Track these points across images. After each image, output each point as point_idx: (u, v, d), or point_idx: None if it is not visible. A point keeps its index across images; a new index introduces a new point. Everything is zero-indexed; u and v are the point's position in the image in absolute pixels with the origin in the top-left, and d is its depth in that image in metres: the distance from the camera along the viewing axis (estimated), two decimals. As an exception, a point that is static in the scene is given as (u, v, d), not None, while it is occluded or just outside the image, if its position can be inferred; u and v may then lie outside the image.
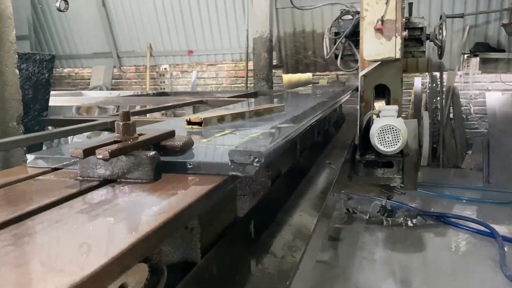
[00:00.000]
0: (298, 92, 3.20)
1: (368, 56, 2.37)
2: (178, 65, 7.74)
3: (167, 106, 2.67)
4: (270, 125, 1.40)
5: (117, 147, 0.78)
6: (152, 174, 0.80)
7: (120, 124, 0.85)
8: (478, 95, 6.44)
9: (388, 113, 2.34)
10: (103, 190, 0.75)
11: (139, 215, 0.63)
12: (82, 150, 0.77)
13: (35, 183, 0.82)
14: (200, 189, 0.75)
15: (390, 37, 2.31)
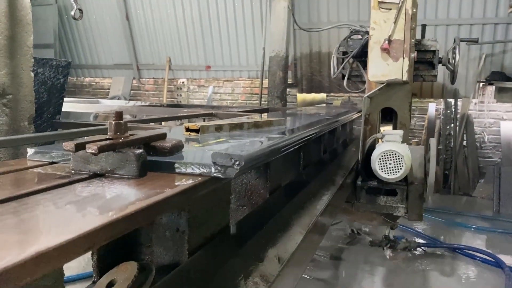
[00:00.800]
0: (306, 110, 3.24)
1: (373, 76, 2.32)
2: (195, 80, 7.88)
3: (177, 116, 2.75)
4: (265, 136, 1.45)
5: (106, 143, 0.84)
6: (137, 170, 0.85)
7: (112, 123, 0.91)
8: (493, 124, 6.38)
9: (392, 137, 2.27)
10: (89, 182, 0.81)
11: (115, 204, 0.68)
12: (74, 144, 0.83)
13: (30, 173, 0.88)
14: (179, 186, 0.80)
15: (398, 58, 2.25)
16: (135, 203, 0.66)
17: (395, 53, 2.23)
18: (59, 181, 0.81)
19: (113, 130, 0.91)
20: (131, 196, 0.73)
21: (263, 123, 1.69)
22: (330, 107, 4.23)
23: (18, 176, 0.85)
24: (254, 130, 1.62)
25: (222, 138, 1.34)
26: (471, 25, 6.06)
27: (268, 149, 1.04)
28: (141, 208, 0.64)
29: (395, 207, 2.58)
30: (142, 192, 0.74)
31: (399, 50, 2.24)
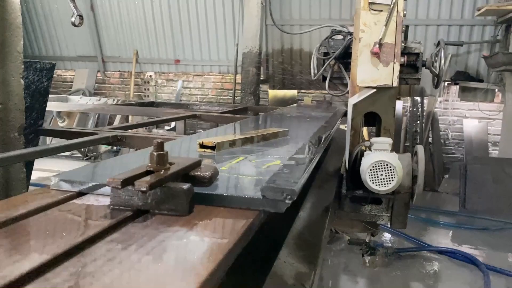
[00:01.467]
0: (289, 114, 3.21)
1: (362, 82, 2.24)
2: (164, 74, 7.71)
3: (161, 120, 2.66)
4: (280, 152, 1.43)
5: (155, 179, 0.79)
6: (187, 207, 0.81)
7: (154, 154, 0.86)
8: (456, 122, 6.65)
9: (381, 146, 2.19)
10: (141, 222, 0.76)
11: (193, 255, 0.64)
12: (120, 181, 0.78)
13: (67, 209, 0.82)
14: (239, 225, 0.77)
15: (388, 62, 2.15)
16: (215, 249, 0.63)
17: (386, 57, 2.15)
18: (106, 222, 0.75)
19: (155, 162, 0.86)
20: (203, 240, 0.69)
21: (270, 135, 1.66)
22: (307, 107, 4.22)
23: (59, 215, 0.79)
24: (262, 143, 1.59)
25: (240, 156, 1.31)
26: (438, 25, 6.25)
27: (306, 175, 1.02)
28: (226, 255, 0.61)
29: (379, 216, 2.53)
30: (209, 235, 0.70)
31: (389, 54, 2.15)
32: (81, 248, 0.64)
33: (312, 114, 3.10)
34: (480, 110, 6.30)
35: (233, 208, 0.86)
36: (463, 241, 4.17)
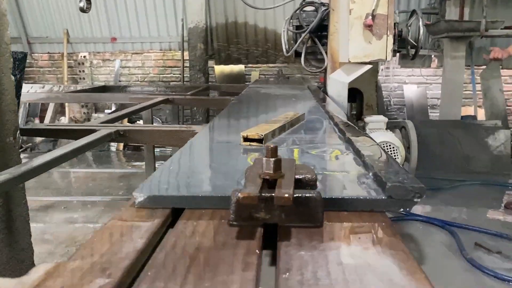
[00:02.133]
0: (268, 93, 3.12)
1: (354, 58, 2.12)
2: (99, 53, 7.22)
3: (137, 109, 2.46)
4: (321, 139, 1.37)
5: (290, 190, 0.71)
6: (322, 217, 0.74)
7: (270, 161, 0.77)
8: (397, 88, 6.95)
9: (377, 125, 2.17)
10: (285, 241, 0.68)
11: (395, 275, 0.57)
12: (256, 197, 0.69)
13: (188, 234, 0.71)
14: (388, 232, 0.72)
15: (381, 35, 2.01)
16: (405, 263, 0.57)
17: (379, 30, 2.01)
18: (255, 243, 0.66)
19: (272, 169, 0.77)
20: (380, 255, 0.63)
21: (295, 120, 1.60)
22: (280, 84, 4.08)
23: (188, 243, 0.68)
24: (291, 130, 1.53)
25: (295, 148, 1.24)
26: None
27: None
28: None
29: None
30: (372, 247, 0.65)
31: (382, 26, 2.01)
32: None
33: (292, 92, 3.04)
34: (422, 76, 6.63)
35: (355, 212, 0.80)
36: (422, 203, 4.42)
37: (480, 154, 5.56)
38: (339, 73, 2.47)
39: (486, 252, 3.13)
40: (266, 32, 6.49)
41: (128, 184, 4.90)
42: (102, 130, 1.62)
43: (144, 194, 0.82)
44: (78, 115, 6.97)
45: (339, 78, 2.46)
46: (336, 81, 2.47)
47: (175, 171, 0.99)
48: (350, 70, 2.29)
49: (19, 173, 1.04)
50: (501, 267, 2.89)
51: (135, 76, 7.22)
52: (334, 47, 2.62)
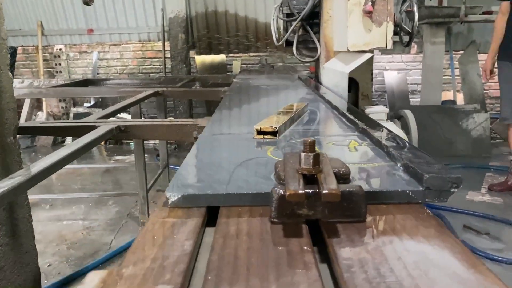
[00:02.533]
0: (259, 84, 3.08)
1: (353, 46, 2.03)
2: (75, 46, 7.02)
3: (131, 103, 2.39)
4: (334, 129, 1.37)
5: (336, 186, 0.70)
6: (365, 211, 0.73)
7: (310, 156, 0.76)
8: (378, 74, 7.01)
9: (377, 116, 2.07)
10: (340, 238, 0.67)
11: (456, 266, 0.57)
12: (303, 193, 0.68)
13: (232, 233, 0.70)
14: (431, 223, 0.71)
15: (381, 22, 1.92)
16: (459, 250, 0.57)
17: (378, 16, 1.91)
18: (305, 241, 0.65)
19: (312, 164, 0.76)
20: (436, 245, 0.62)
21: (301, 111, 1.59)
22: (266, 74, 4.04)
23: (238, 243, 0.66)
24: (299, 121, 1.52)
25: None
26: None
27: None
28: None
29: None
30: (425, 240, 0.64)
31: (382, 12, 1.91)
32: None
33: (283, 82, 3.01)
34: (403, 62, 6.70)
35: (393, 204, 0.80)
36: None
37: (461, 138, 5.68)
38: (335, 62, 2.43)
39: (475, 234, 3.21)
40: (247, 21, 6.42)
41: (113, 179, 4.82)
42: (102, 126, 1.57)
43: (177, 193, 0.80)
44: (56, 110, 6.79)
45: (335, 68, 2.41)
46: (332, 71, 2.43)
47: (200, 168, 0.97)
48: (347, 59, 2.22)
49: (31, 176, 0.99)
50: (490, 248, 2.98)
51: (113, 68, 7.07)
52: (328, 35, 2.56)
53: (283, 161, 0.88)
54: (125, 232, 3.41)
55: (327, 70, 2.56)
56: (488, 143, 5.73)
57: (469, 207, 3.69)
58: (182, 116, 6.03)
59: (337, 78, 2.32)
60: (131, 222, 3.59)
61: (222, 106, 1.89)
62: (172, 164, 4.76)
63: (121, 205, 3.96)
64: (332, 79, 2.40)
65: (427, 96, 5.98)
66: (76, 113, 6.49)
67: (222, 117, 1.67)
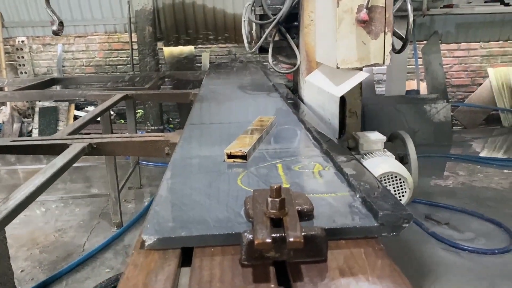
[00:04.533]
0: (233, 89, 3.07)
1: (344, 62, 1.61)
2: (38, 38, 6.83)
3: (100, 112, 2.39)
4: (302, 150, 1.44)
5: (300, 231, 0.77)
6: (326, 251, 0.81)
7: (276, 201, 0.83)
8: (345, 64, 7.13)
9: (373, 146, 1.77)
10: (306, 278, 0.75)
11: None
12: (270, 242, 0.75)
13: (208, 273, 0.76)
14: (384, 261, 0.80)
15: (378, 33, 1.60)
16: None
17: (375, 26, 1.59)
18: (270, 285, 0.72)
19: (277, 208, 0.83)
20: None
21: (269, 127, 1.65)
22: (239, 75, 3.89)
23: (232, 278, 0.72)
24: (268, 138, 1.58)
25: (278, 163, 1.29)
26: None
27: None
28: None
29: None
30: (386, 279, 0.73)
31: (379, 22, 1.59)
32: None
33: (256, 98, 2.71)
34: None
35: (353, 240, 0.88)
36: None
37: (423, 127, 5.90)
38: (318, 76, 2.03)
39: (435, 224, 3.40)
40: (215, 12, 6.40)
41: (83, 177, 4.78)
42: (74, 145, 1.59)
43: (153, 236, 0.86)
44: (21, 104, 6.61)
45: (320, 84, 1.97)
46: (315, 88, 2.08)
47: (174, 203, 1.02)
48: (336, 74, 1.81)
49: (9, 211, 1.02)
50: (450, 237, 3.16)
51: (79, 61, 6.91)
52: (310, 43, 2.18)
53: (252, 198, 0.95)
54: (98, 233, 3.43)
55: (309, 85, 2.22)
56: (449, 132, 5.98)
57: (430, 197, 3.88)
58: (152, 115, 6.03)
59: (323, 98, 1.99)
60: (103, 223, 3.61)
61: (193, 118, 1.93)
62: (143, 160, 4.76)
63: (92, 205, 3.96)
64: (317, 98, 2.10)
65: (392, 86, 6.16)
66: (42, 107, 6.34)
67: (193, 133, 1.71)
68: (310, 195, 1.01)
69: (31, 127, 6.48)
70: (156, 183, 4.53)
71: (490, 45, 6.95)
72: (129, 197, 4.19)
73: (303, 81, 2.36)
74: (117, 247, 3.20)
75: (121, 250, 3.17)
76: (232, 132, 1.59)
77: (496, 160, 5.15)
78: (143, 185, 4.48)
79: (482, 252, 2.93)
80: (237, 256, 0.82)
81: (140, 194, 4.34)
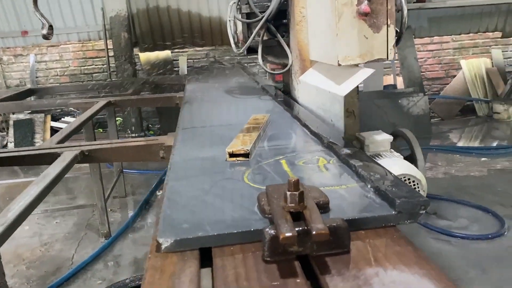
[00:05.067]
0: (219, 91, 3.04)
1: (346, 59, 1.50)
2: (9, 48, 6.64)
3: (85, 119, 2.32)
4: (300, 145, 1.43)
5: (323, 223, 0.76)
6: (349, 242, 0.80)
7: (295, 194, 0.82)
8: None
9: (379, 146, 1.64)
10: (335, 275, 0.73)
11: None
12: (295, 236, 0.73)
13: (232, 277, 0.74)
14: (407, 248, 0.79)
15: (380, 26, 1.49)
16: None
17: (376, 19, 1.49)
18: (301, 281, 0.71)
19: (297, 202, 0.82)
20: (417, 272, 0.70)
21: (265, 124, 1.64)
22: (220, 77, 3.83)
23: None
24: (265, 135, 1.57)
25: (282, 159, 1.28)
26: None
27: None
28: None
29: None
30: (404, 267, 0.72)
31: (381, 14, 1.49)
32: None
33: (246, 100, 2.66)
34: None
35: (370, 229, 0.87)
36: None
37: (403, 121, 5.99)
38: (314, 75, 1.89)
39: (424, 214, 3.44)
40: (190, 16, 6.36)
41: (66, 188, 4.66)
42: (65, 153, 1.54)
43: (169, 239, 0.83)
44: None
45: (318, 83, 1.83)
46: (313, 88, 1.95)
47: (184, 205, 0.99)
48: (334, 73, 1.70)
49: (6, 226, 0.97)
50: (438, 225, 3.21)
51: (53, 71, 6.76)
52: (302, 41, 2.04)
53: (265, 194, 0.93)
54: (86, 245, 3.35)
55: (305, 85, 2.09)
56: (428, 124, 6.09)
57: (416, 188, 3.93)
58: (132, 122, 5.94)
59: (322, 98, 1.87)
60: (91, 234, 3.52)
61: (183, 120, 1.90)
62: (126, 168, 4.68)
63: (78, 216, 3.86)
64: (315, 99, 1.98)
65: (370, 82, 6.24)
66: (17, 120, 6.17)
67: (186, 135, 1.68)
68: (321, 189, 1.00)
69: (6, 141, 6.29)
70: (141, 190, 4.46)
71: (462, 38, 7.12)
72: (114, 206, 4.10)
73: (296, 82, 2.24)
74: (107, 258, 3.13)
75: (112, 260, 3.10)
76: (227, 133, 1.57)
77: (474, 149, 5.27)
78: (127, 194, 4.40)
79: (476, 238, 2.98)
80: (259, 253, 0.80)
81: (125, 203, 4.26)
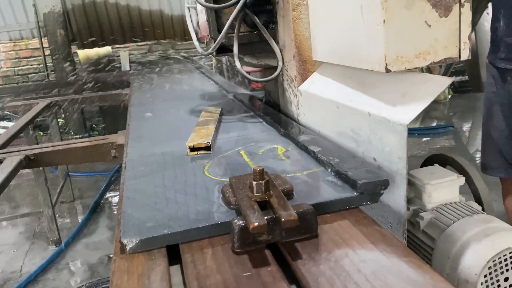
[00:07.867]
0: (171, 87, 2.97)
1: (397, 61, 0.98)
2: None
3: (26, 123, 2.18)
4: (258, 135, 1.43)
5: (290, 210, 0.76)
6: (317, 226, 0.81)
7: (261, 183, 0.81)
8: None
9: (449, 194, 1.16)
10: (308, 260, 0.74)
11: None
12: (265, 224, 0.73)
13: (203, 273, 0.73)
14: (373, 228, 0.82)
15: (449, 6, 0.99)
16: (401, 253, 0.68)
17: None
18: (275, 268, 0.71)
19: (263, 191, 0.81)
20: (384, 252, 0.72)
21: (220, 116, 1.63)
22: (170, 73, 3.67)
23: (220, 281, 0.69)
24: (221, 127, 1.55)
25: (241, 150, 1.27)
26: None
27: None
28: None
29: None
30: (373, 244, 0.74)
31: None
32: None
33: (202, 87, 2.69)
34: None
35: (338, 212, 0.89)
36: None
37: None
38: (326, 84, 1.31)
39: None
40: (130, 9, 6.15)
41: (6, 198, 4.39)
42: (8, 159, 1.44)
43: (133, 239, 0.80)
44: None
45: (341, 99, 1.20)
46: (326, 102, 1.27)
47: (145, 203, 0.96)
48: (373, 81, 1.12)
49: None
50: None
51: (-16, 73, 6.33)
52: (302, 34, 1.42)
53: (230, 185, 0.92)
54: (35, 254, 3.18)
55: (311, 99, 1.39)
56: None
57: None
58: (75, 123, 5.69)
59: (354, 122, 1.14)
60: (39, 242, 3.35)
61: (134, 118, 1.85)
62: (72, 171, 4.48)
63: (22, 226, 3.66)
64: (338, 123, 1.23)
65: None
66: None
67: (139, 132, 1.63)
68: (283, 176, 1.01)
69: None
70: (89, 194, 4.29)
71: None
72: (62, 212, 3.93)
73: (292, 92, 1.54)
74: (59, 266, 2.99)
75: (64, 268, 2.97)
76: (182, 128, 1.54)
77: (415, 130, 5.52)
78: (76, 198, 4.22)
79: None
80: (228, 246, 0.79)
81: (74, 208, 4.09)
